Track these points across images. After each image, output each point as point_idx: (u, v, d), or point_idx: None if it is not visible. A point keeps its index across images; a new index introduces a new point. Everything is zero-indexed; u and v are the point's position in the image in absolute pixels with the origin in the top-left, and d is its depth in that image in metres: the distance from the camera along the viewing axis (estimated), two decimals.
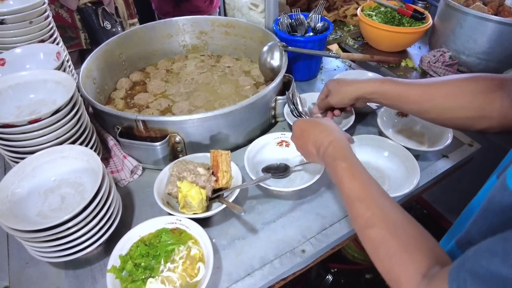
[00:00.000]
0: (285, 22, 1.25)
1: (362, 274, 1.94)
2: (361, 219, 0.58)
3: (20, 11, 0.95)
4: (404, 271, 0.49)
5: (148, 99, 1.25)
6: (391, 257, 0.51)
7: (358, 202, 0.60)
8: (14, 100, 0.85)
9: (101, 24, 1.83)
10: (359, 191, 0.61)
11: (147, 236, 0.77)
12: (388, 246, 0.52)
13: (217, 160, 0.87)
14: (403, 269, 0.49)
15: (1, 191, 0.72)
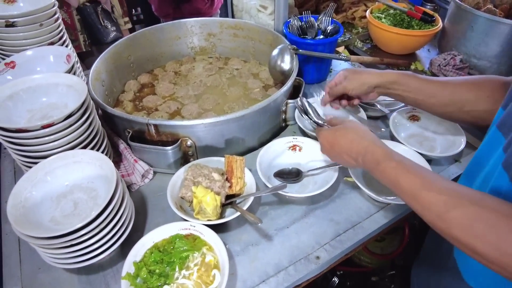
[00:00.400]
0: (295, 24, 1.24)
1: (368, 277, 1.93)
2: (436, 206, 0.55)
3: (31, 13, 0.94)
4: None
5: (157, 102, 1.24)
6: (494, 228, 0.48)
7: (426, 191, 0.57)
8: (25, 104, 0.84)
9: (102, 23, 1.82)
10: (421, 181, 0.59)
11: (161, 242, 0.76)
12: (486, 218, 0.49)
13: (231, 166, 0.87)
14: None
15: (15, 196, 0.71)
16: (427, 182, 0.59)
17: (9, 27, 0.95)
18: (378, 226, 0.86)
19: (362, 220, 0.87)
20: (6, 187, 0.99)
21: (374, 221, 0.87)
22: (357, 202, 0.91)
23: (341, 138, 0.76)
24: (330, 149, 0.79)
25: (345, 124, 0.79)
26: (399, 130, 1.04)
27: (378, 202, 0.90)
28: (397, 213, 0.88)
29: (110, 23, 1.87)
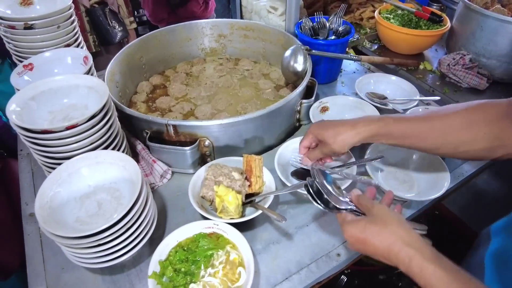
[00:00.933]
0: (307, 25, 1.25)
1: (375, 275, 1.94)
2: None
3: (49, 15, 0.95)
4: None
5: (170, 103, 1.25)
6: None
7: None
8: (47, 105, 0.85)
9: (110, 24, 1.84)
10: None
11: (185, 241, 0.77)
12: None
13: (250, 165, 0.87)
14: None
15: (41, 197, 0.72)
16: None
17: (28, 29, 0.95)
18: None
19: None
20: (25, 188, 0.99)
21: None
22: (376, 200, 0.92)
23: (375, 239, 0.61)
24: (362, 248, 0.65)
25: (377, 218, 0.63)
26: None
27: (396, 199, 0.91)
28: (415, 209, 0.89)
29: (117, 23, 1.89)
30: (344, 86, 1.34)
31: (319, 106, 1.13)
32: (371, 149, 0.96)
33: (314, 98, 1.12)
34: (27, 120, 0.78)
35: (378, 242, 0.60)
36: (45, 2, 1.05)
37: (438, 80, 1.37)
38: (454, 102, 1.28)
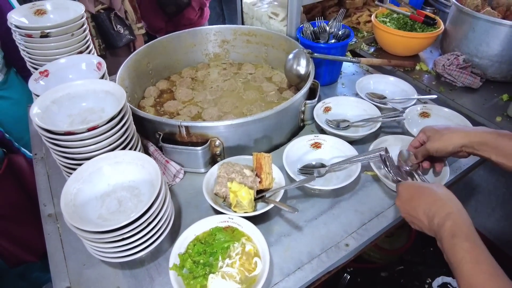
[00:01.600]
0: (308, 30, 1.31)
1: (377, 273, 1.98)
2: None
3: (64, 24, 1.00)
4: None
5: (178, 107, 1.29)
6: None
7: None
8: (66, 109, 0.88)
9: (115, 28, 1.89)
10: (485, 281, 0.55)
11: (202, 235, 0.81)
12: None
13: (260, 162, 0.92)
14: None
15: (65, 195, 0.75)
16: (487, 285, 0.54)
17: (44, 37, 1.00)
18: (400, 215, 0.91)
19: (384, 210, 0.93)
20: (42, 190, 1.03)
21: (396, 210, 0.92)
22: (378, 193, 0.97)
23: (425, 195, 0.70)
24: (408, 200, 0.73)
25: (434, 184, 0.74)
26: (412, 126, 1.11)
27: None
28: None
29: (123, 27, 1.93)
30: (344, 87, 1.39)
31: (322, 107, 1.18)
32: (373, 147, 1.01)
33: (317, 99, 1.17)
34: (49, 123, 0.82)
35: (428, 198, 0.68)
36: (58, 11, 1.10)
37: (434, 80, 1.43)
38: (450, 100, 1.34)
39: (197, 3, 2.16)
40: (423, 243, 2.04)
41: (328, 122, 1.14)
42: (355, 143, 1.10)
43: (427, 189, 0.72)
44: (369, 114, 1.14)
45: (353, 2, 1.76)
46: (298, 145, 1.04)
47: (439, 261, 2.00)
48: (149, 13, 2.17)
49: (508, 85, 1.36)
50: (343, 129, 1.12)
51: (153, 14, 2.16)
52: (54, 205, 0.98)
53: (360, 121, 1.13)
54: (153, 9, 2.14)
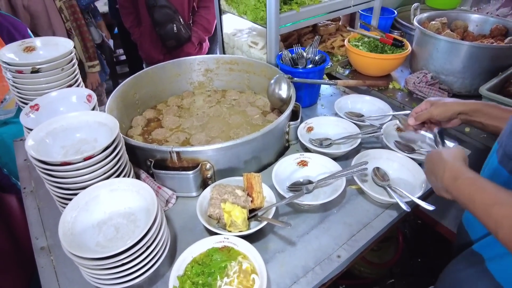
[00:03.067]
0: (287, 56, 1.39)
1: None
2: (509, 219, 0.58)
3: (55, 59, 1.03)
4: None
5: (166, 134, 1.33)
6: None
7: (499, 206, 0.60)
8: (59, 140, 0.91)
9: None
10: (495, 196, 0.61)
11: (199, 256, 0.83)
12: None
13: (251, 182, 0.96)
14: None
15: (63, 224, 0.77)
16: (500, 197, 0.61)
17: (34, 73, 1.03)
18: (386, 224, 0.97)
19: (371, 221, 0.98)
20: (33, 224, 1.02)
21: (382, 220, 0.98)
22: (364, 205, 1.02)
23: (432, 161, 0.83)
24: (428, 171, 0.86)
25: (443, 148, 0.88)
26: (390, 140, 1.19)
27: (382, 204, 1.01)
28: (400, 211, 0.99)
29: None
30: (324, 108, 1.47)
31: (305, 127, 1.25)
32: (355, 161, 1.07)
33: (300, 120, 1.23)
34: (44, 154, 0.84)
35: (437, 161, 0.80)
36: (47, 47, 1.14)
37: (407, 97, 1.54)
38: None
39: (196, 39, 2.21)
40: (411, 254, 2.09)
41: (312, 141, 1.20)
42: (338, 159, 1.16)
43: (435, 155, 0.83)
44: (349, 132, 1.21)
45: (327, 28, 1.88)
46: (285, 164, 1.09)
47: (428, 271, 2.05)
48: (149, 45, 2.22)
49: (472, 98, 1.45)
50: (326, 147, 1.19)
51: (153, 46, 2.21)
52: (47, 238, 0.98)
53: (341, 139, 1.19)
54: (153, 41, 2.19)
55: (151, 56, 2.23)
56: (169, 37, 2.07)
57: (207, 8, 2.18)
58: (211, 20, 2.22)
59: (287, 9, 1.39)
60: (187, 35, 2.12)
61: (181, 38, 2.09)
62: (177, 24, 2.03)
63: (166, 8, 1.98)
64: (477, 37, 1.67)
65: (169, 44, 2.11)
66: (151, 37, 2.16)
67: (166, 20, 2.00)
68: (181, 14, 2.06)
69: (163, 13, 1.98)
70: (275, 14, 1.32)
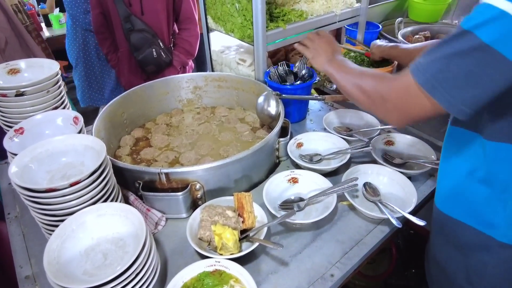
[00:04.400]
0: (276, 73, 1.40)
1: None
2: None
3: (40, 82, 1.02)
4: None
5: (154, 153, 1.31)
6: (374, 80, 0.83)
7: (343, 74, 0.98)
8: (45, 165, 0.89)
9: None
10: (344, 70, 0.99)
11: (190, 281, 0.81)
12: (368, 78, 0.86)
13: (241, 202, 0.95)
14: None
15: (48, 253, 0.74)
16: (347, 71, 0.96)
17: (19, 96, 1.01)
18: (378, 240, 0.96)
19: (363, 237, 0.97)
20: (17, 252, 0.99)
21: (374, 236, 0.97)
22: (356, 221, 1.02)
23: (331, 40, 1.22)
24: (314, 43, 1.21)
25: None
26: (378, 154, 1.19)
27: (374, 219, 1.01)
28: (392, 226, 0.99)
29: None
30: (312, 123, 1.48)
31: (294, 143, 1.25)
32: (345, 177, 1.08)
33: (289, 136, 1.24)
34: (28, 181, 0.82)
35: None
36: (32, 70, 1.12)
37: None
38: (411, 127, 1.45)
39: (178, 63, 2.09)
40: (404, 265, 2.08)
41: (302, 157, 1.20)
42: (329, 175, 1.16)
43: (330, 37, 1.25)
44: (338, 147, 1.22)
45: None
46: (276, 182, 1.08)
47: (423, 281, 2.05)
48: (128, 71, 2.09)
49: None
50: (316, 163, 1.19)
51: (132, 72, 2.08)
52: (32, 266, 0.95)
53: (331, 154, 1.20)
54: (132, 67, 2.07)
55: (130, 83, 2.05)
56: (148, 62, 1.95)
57: (188, 30, 2.09)
58: (193, 43, 2.13)
59: (273, 26, 1.41)
60: (168, 60, 2.01)
61: (161, 62, 1.98)
62: (157, 48, 1.91)
63: (144, 32, 1.87)
64: None
65: (149, 70, 1.99)
66: (130, 63, 2.02)
67: (144, 44, 1.88)
68: (161, 37, 1.95)
69: (141, 37, 1.87)
70: (262, 32, 1.33)
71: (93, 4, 1.89)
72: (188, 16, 2.07)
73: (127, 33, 1.90)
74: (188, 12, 2.06)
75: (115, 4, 1.83)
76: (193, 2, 2.08)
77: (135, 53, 1.94)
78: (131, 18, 1.86)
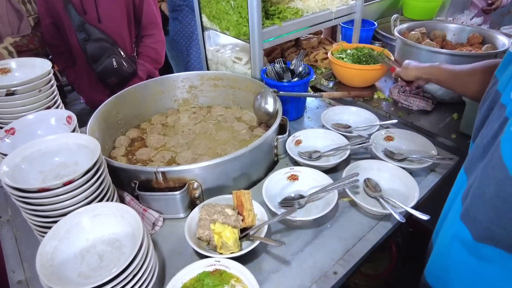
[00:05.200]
0: (273, 70, 1.39)
1: None
2: None
3: (31, 81, 0.99)
4: None
5: (150, 154, 1.29)
6: None
7: None
8: (37, 166, 0.86)
9: None
10: None
11: (189, 282, 0.78)
12: None
13: (241, 200, 0.92)
14: None
15: (41, 256, 0.71)
16: None
17: (9, 95, 0.98)
18: (381, 236, 0.94)
19: (366, 233, 0.95)
20: (9, 256, 0.95)
21: (377, 232, 0.95)
22: (357, 218, 1.00)
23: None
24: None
25: None
26: (379, 149, 1.18)
27: (375, 215, 0.99)
28: (394, 221, 0.97)
29: None
30: (310, 120, 1.46)
31: (293, 140, 1.23)
32: (345, 173, 1.06)
33: (288, 133, 1.22)
34: (20, 181, 0.79)
35: None
36: (23, 69, 1.09)
37: (392, 106, 1.54)
38: (409, 123, 1.44)
39: (144, 72, 1.91)
40: (404, 263, 2.07)
41: (301, 154, 1.18)
42: (329, 171, 1.14)
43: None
44: (337, 143, 1.20)
45: (309, 42, 1.90)
46: (275, 179, 1.06)
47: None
48: (87, 86, 1.92)
49: (456, 105, 1.49)
50: (316, 160, 1.17)
51: (92, 87, 1.90)
52: (24, 270, 0.91)
53: (330, 151, 1.18)
54: (92, 82, 1.88)
55: (92, 99, 1.91)
56: (108, 74, 1.76)
57: (152, 36, 1.92)
58: (159, 49, 1.96)
59: (269, 23, 1.39)
60: (131, 69, 1.82)
61: (123, 73, 1.79)
62: (117, 58, 1.73)
63: (102, 40, 1.70)
64: (455, 45, 1.71)
65: (110, 83, 1.80)
66: (89, 77, 1.85)
67: (103, 54, 1.71)
68: (122, 45, 1.79)
69: (98, 47, 1.70)
70: (257, 29, 1.31)
71: (41, 14, 1.72)
72: (152, 21, 1.91)
73: (83, 44, 1.72)
74: (151, 16, 1.90)
75: (66, 12, 1.66)
76: (155, 5, 1.92)
77: (93, 65, 1.76)
78: (86, 27, 1.69)
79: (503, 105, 0.61)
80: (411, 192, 1.01)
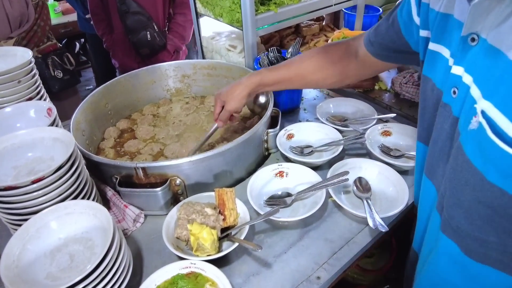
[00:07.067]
0: (265, 60, 1.32)
1: None
2: None
3: (9, 71, 0.96)
4: None
5: (139, 145, 1.25)
6: None
7: None
8: (10, 161, 0.83)
9: (52, 73, 1.82)
10: None
11: (163, 284, 0.76)
12: None
13: (222, 199, 0.88)
14: None
15: (7, 257, 0.69)
16: None
17: None
18: (370, 239, 0.90)
19: (354, 236, 0.91)
20: None
21: (366, 235, 0.90)
22: (346, 219, 0.95)
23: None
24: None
25: None
26: (374, 145, 1.11)
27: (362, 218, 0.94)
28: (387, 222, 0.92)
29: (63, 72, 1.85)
30: (306, 112, 1.40)
31: (285, 134, 1.17)
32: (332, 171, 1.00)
33: (279, 127, 1.16)
34: None
35: None
36: (4, 59, 1.06)
37: (394, 98, 1.47)
38: (411, 116, 1.36)
39: (172, 47, 2.12)
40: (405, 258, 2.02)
41: (292, 149, 1.13)
42: (321, 168, 1.09)
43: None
44: (331, 138, 1.14)
45: (310, 29, 1.81)
46: (262, 176, 1.02)
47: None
48: (122, 53, 2.14)
49: None
50: (307, 155, 1.12)
51: (126, 54, 2.13)
52: None
53: (323, 146, 1.12)
54: (126, 49, 2.10)
55: (124, 65, 2.13)
56: (142, 45, 1.98)
57: (183, 14, 2.09)
58: (187, 28, 2.13)
59: (264, 10, 1.32)
60: (162, 43, 2.04)
61: (155, 46, 2.01)
62: (151, 31, 1.94)
63: (139, 14, 1.89)
64: None
65: (142, 52, 2.02)
66: (124, 45, 2.06)
67: (139, 27, 1.91)
68: (156, 21, 1.98)
69: (136, 20, 1.90)
70: (250, 16, 1.24)
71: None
72: (184, 1, 2.05)
73: (122, 15, 1.91)
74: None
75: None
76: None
77: (129, 36, 1.97)
78: (127, 1, 1.88)
79: (446, 105, 0.59)
80: (400, 195, 0.94)
